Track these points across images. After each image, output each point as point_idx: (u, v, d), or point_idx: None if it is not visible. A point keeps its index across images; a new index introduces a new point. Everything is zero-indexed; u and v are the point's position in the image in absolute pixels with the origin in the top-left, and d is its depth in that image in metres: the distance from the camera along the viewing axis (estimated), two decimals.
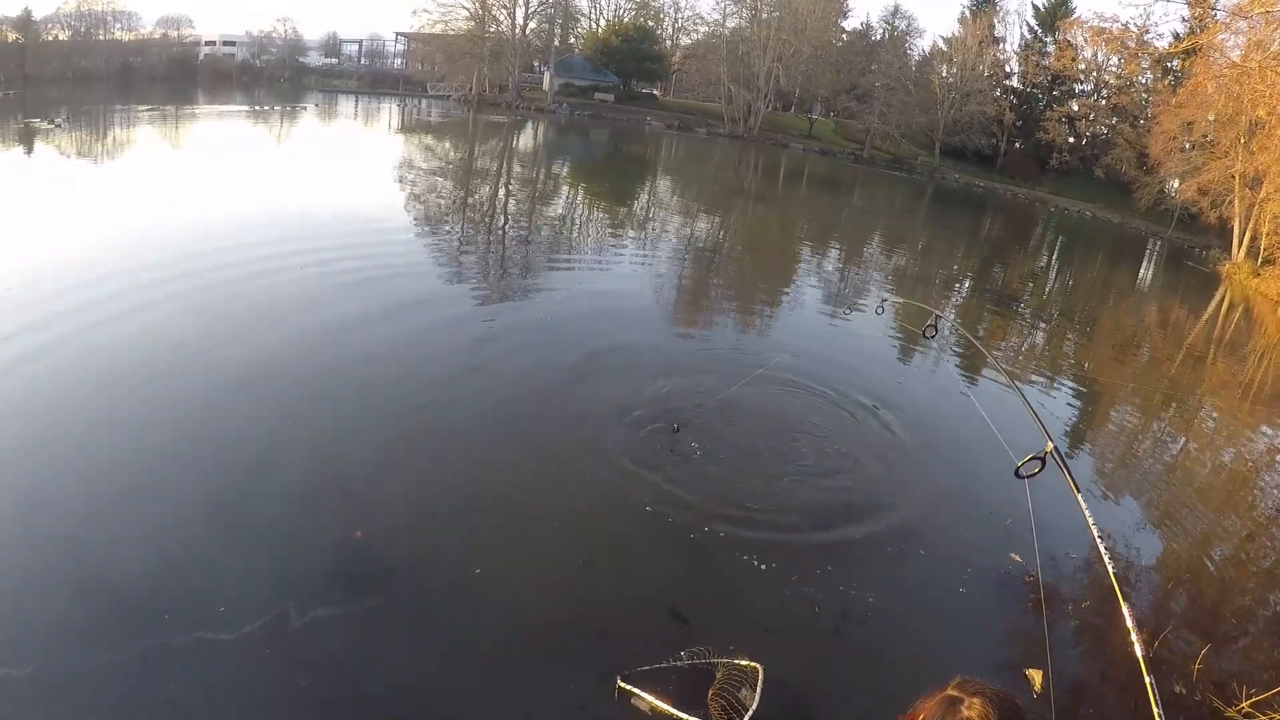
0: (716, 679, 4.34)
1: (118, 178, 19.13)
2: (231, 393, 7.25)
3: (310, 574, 4.93)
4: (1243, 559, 7.32)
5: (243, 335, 8.71)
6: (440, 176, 25.67)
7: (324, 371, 8.02)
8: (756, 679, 4.33)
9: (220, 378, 7.53)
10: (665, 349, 10.61)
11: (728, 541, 5.91)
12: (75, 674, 3.95)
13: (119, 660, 4.07)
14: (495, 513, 5.99)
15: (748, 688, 4.29)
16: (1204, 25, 40.06)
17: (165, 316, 8.99)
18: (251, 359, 8.04)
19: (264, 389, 7.44)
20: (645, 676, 4.32)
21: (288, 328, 9.13)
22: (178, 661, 4.09)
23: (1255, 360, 16.96)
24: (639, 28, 67.00)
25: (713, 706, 4.18)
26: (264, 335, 8.81)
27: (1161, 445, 10.77)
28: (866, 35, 66.43)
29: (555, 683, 4.36)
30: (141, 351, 7.98)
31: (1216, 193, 36.64)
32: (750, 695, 4.24)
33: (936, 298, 17.74)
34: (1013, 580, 6.07)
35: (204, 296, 9.83)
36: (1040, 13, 58.25)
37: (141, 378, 7.37)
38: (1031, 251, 31.57)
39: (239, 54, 65.93)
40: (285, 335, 8.87)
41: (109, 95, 39.24)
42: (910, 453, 8.22)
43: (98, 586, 4.58)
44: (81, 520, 5.17)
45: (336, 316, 9.67)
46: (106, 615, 4.38)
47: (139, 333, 8.48)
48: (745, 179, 39.05)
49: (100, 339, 8.17)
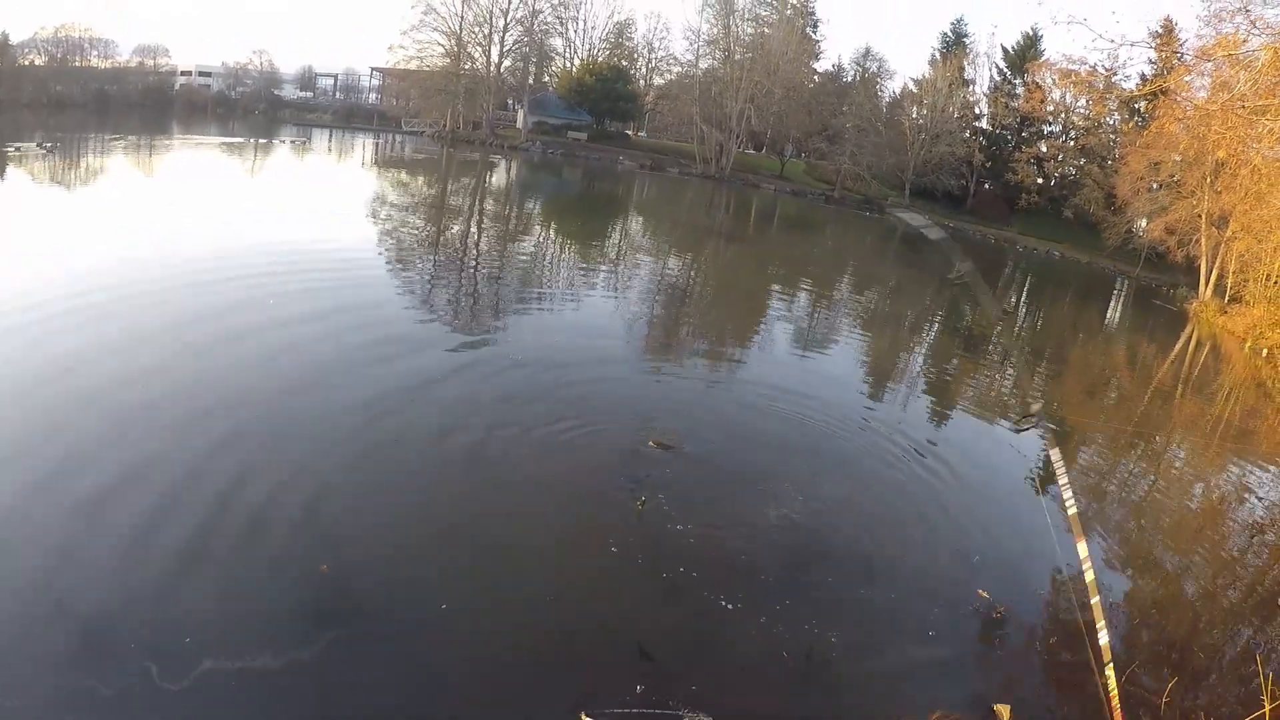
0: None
1: (112, 203, 19.72)
2: (199, 424, 7.17)
3: (278, 607, 4.94)
4: (1211, 594, 7.46)
5: (211, 366, 8.72)
6: (413, 213, 25.22)
7: (293, 404, 8.06)
8: None
9: (189, 408, 7.46)
10: (637, 386, 10.66)
11: (696, 580, 5.85)
12: (35, 704, 3.94)
13: (80, 688, 4.08)
14: (464, 549, 5.98)
15: None
16: (1170, 68, 40.95)
17: (141, 345, 9.05)
18: (221, 390, 8.00)
19: (231, 421, 7.31)
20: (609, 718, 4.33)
21: (253, 361, 9.17)
22: (143, 695, 4.09)
23: (1223, 397, 16.73)
24: (613, 67, 67.55)
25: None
26: (230, 368, 8.78)
27: (1131, 483, 10.76)
28: (838, 77, 67.42)
29: (522, 715, 4.42)
30: (116, 378, 7.91)
31: (1183, 232, 36.98)
32: None
33: (907, 336, 17.52)
34: (980, 616, 6.10)
35: (181, 326, 9.93)
36: (1009, 55, 59.41)
37: (115, 407, 7.29)
38: (1001, 291, 31.51)
39: (214, 85, 65.44)
40: (251, 368, 8.90)
41: (85, 122, 38.69)
42: (878, 488, 8.36)
43: (61, 617, 4.57)
44: (48, 551, 5.11)
45: (308, 351, 9.69)
46: (69, 645, 4.38)
47: (114, 360, 8.44)
48: (717, 219, 38.94)
49: (76, 363, 8.16)
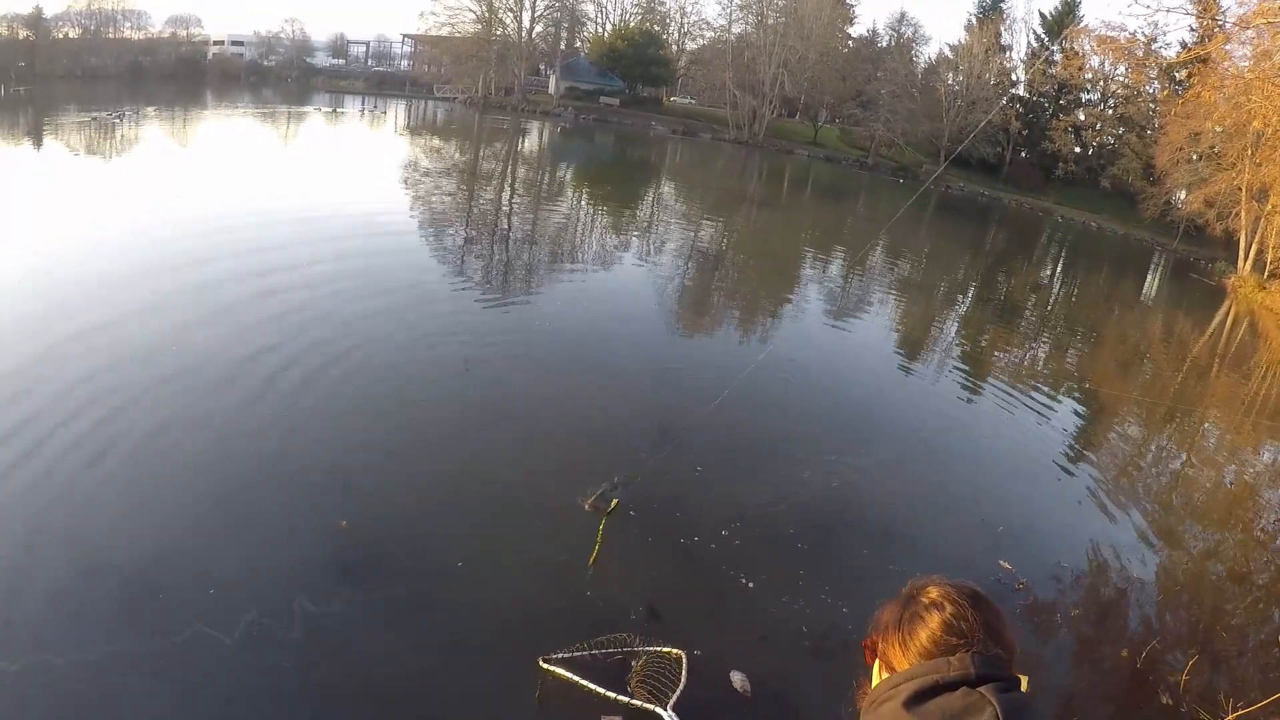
0: (636, 666, 4.46)
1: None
2: (235, 384, 7.43)
3: (303, 563, 5.09)
4: (1239, 575, 7.34)
5: (243, 323, 9.01)
6: (446, 177, 25.74)
7: (327, 365, 8.17)
8: (681, 666, 4.47)
9: (225, 370, 7.73)
10: (665, 351, 10.83)
11: (714, 546, 5.94)
12: (73, 656, 4.09)
13: (117, 647, 4.22)
14: (483, 508, 6.12)
15: (671, 673, 4.41)
16: (1209, 35, 39.92)
17: (180, 312, 9.20)
18: (251, 349, 8.26)
19: (264, 382, 7.57)
20: (565, 662, 4.44)
21: (284, 320, 9.33)
22: (170, 645, 4.25)
23: (1260, 375, 16.80)
24: (645, 32, 66.90)
25: (638, 691, 4.27)
26: (260, 326, 9.03)
27: (1162, 459, 10.77)
28: (873, 42, 66.31)
29: (529, 671, 4.46)
30: (152, 344, 8.17)
31: (1223, 205, 36.33)
32: (675, 681, 4.35)
33: (940, 306, 17.73)
34: (1003, 588, 6.12)
35: (219, 291, 10.07)
36: (1047, 21, 58.00)
37: (151, 368, 7.56)
38: (1036, 262, 31.43)
39: (247, 54, 65.98)
40: (282, 328, 9.08)
41: (119, 94, 39.36)
42: (905, 459, 8.35)
43: (96, 569, 4.75)
44: (83, 508, 5.30)
45: (337, 311, 9.86)
46: (103, 597, 4.55)
47: (153, 327, 8.68)
48: (750, 184, 38.96)
49: (116, 319, 8.53)
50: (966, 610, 1.31)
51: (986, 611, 1.33)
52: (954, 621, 1.30)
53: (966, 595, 1.34)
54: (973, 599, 1.34)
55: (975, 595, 1.35)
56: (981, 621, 1.31)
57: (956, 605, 1.32)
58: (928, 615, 1.33)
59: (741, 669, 4.64)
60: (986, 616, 1.32)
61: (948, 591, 1.35)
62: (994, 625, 1.32)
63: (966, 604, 1.32)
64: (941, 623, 1.31)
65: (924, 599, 1.36)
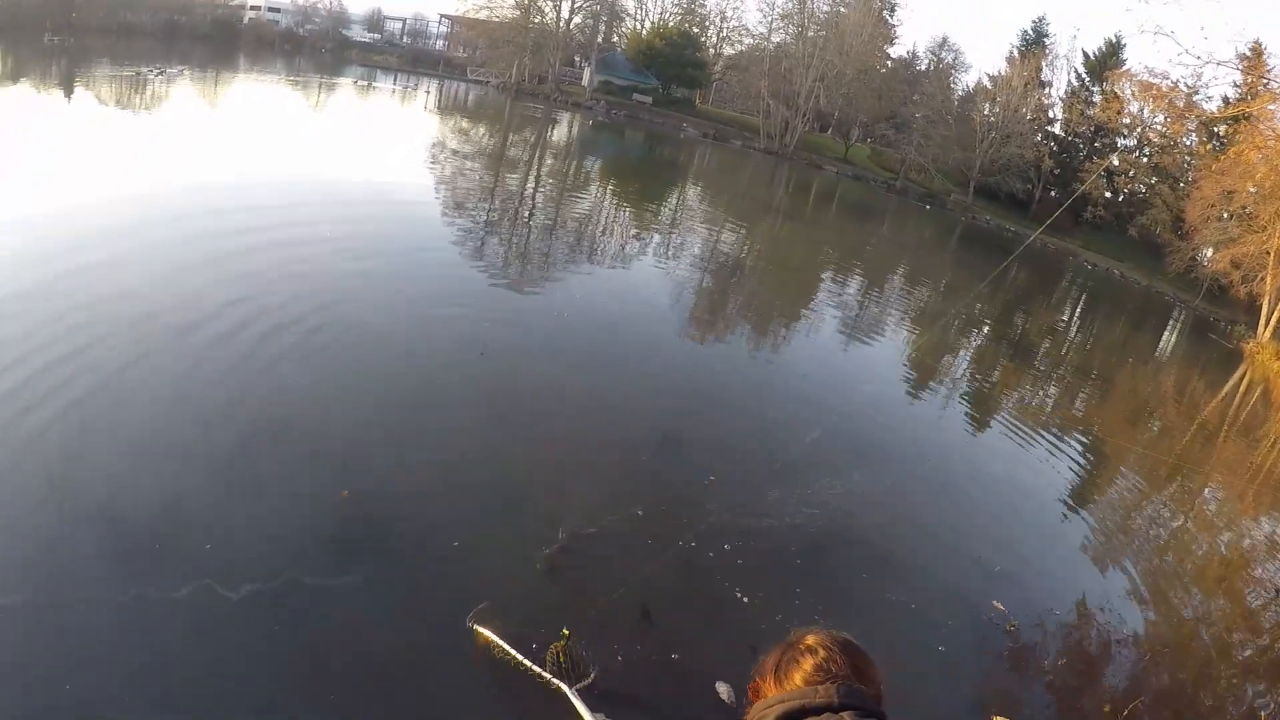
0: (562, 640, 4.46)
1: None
2: (248, 353, 7.47)
3: (301, 531, 5.16)
4: (1225, 646, 7.31)
5: (256, 291, 9.02)
6: (472, 160, 25.77)
7: (334, 342, 8.22)
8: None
9: (232, 331, 7.80)
10: (677, 354, 10.93)
11: (712, 555, 6.00)
12: (67, 604, 4.18)
13: (111, 596, 4.30)
14: (480, 490, 6.19)
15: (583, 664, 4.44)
16: (1255, 93, 39.59)
17: (194, 278, 9.18)
18: (269, 322, 8.27)
19: (276, 353, 7.64)
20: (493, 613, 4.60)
21: (300, 288, 9.41)
22: (166, 601, 4.32)
23: (1268, 445, 16.67)
24: (683, 33, 66.68)
25: (549, 662, 4.34)
26: (274, 294, 9.06)
27: (1161, 518, 10.73)
28: (911, 64, 66.08)
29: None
30: (169, 307, 8.18)
31: (1249, 267, 35.99)
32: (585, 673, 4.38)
33: (954, 337, 17.69)
34: (994, 628, 6.13)
35: (239, 259, 10.06)
36: (1090, 61, 57.67)
37: (167, 330, 7.61)
38: (1055, 304, 31.25)
39: (282, 21, 65.92)
40: (297, 296, 9.15)
41: (153, 51, 39.51)
42: (908, 488, 8.38)
43: (99, 520, 4.82)
44: (88, 470, 5.31)
45: (352, 285, 9.96)
46: (105, 548, 4.63)
47: (173, 287, 8.71)
48: (777, 195, 38.87)
49: (133, 287, 8.43)
50: (837, 654, 1.48)
51: (855, 656, 1.49)
52: (825, 664, 1.46)
53: (839, 642, 1.51)
54: (844, 646, 1.50)
55: (847, 642, 1.52)
56: (850, 664, 1.47)
57: (828, 650, 1.48)
58: (802, 659, 1.49)
59: (728, 680, 4.68)
60: (855, 660, 1.48)
61: (822, 639, 1.51)
62: (862, 668, 1.48)
63: (837, 649, 1.49)
64: (814, 665, 1.47)
65: (801, 645, 1.52)
